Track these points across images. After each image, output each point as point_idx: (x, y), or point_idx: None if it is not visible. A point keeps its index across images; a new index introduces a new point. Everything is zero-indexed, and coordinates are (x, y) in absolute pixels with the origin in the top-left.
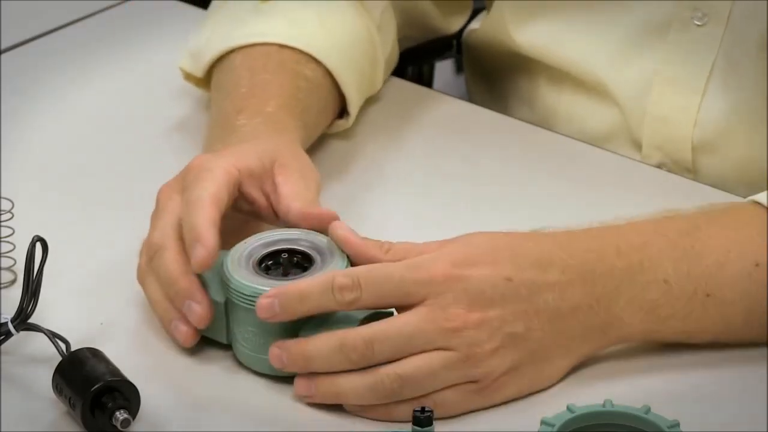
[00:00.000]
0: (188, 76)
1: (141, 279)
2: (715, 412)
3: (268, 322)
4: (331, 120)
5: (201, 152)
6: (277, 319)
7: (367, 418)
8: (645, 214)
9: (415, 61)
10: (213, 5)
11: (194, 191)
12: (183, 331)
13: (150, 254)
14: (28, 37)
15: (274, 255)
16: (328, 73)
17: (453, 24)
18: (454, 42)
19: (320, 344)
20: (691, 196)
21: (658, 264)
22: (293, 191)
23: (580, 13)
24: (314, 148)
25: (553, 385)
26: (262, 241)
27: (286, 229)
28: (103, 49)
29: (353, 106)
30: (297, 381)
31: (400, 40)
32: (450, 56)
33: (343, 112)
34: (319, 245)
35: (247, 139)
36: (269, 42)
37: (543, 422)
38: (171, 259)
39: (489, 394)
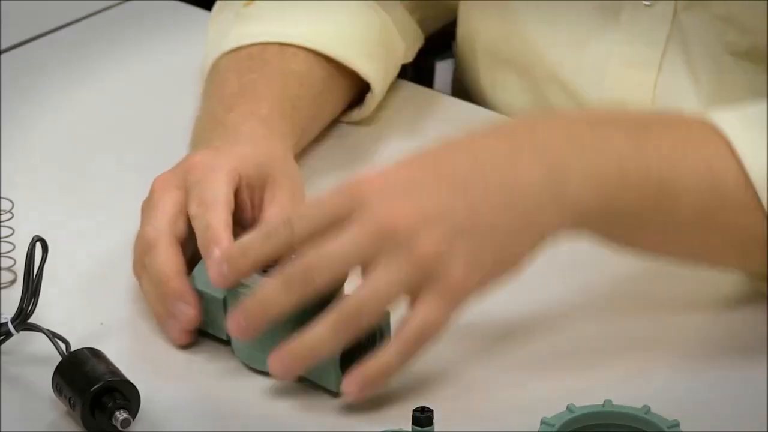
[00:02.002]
0: None
1: (137, 274)
2: (715, 412)
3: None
4: (337, 107)
5: (189, 147)
6: (231, 280)
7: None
8: None
9: (416, 61)
10: (209, 21)
11: (208, 191)
12: (176, 330)
13: (143, 249)
14: (28, 37)
15: None
16: (322, 59)
17: None
18: (454, 42)
19: (265, 289)
20: None
21: (611, 141)
22: (276, 215)
23: (531, 6)
24: (312, 144)
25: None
26: None
27: None
28: (103, 49)
29: (371, 76)
30: (270, 362)
31: (419, 20)
32: (450, 56)
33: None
34: None
35: (243, 139)
36: (252, 43)
37: (543, 422)
38: (163, 258)
39: (452, 293)
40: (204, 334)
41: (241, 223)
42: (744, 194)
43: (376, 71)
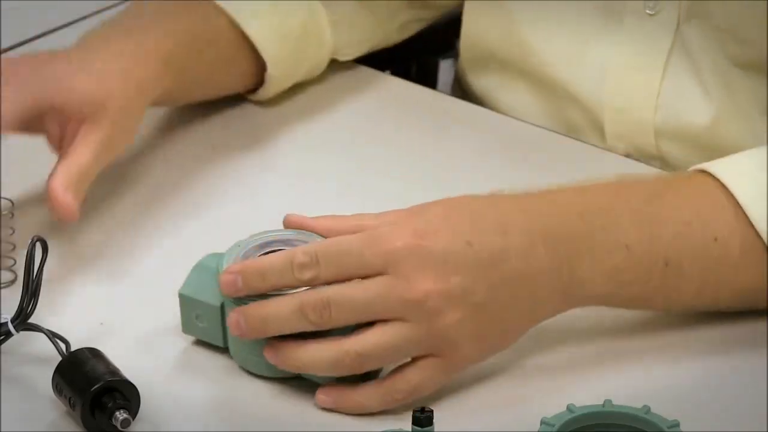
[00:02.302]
0: None
1: None
2: (715, 412)
3: None
4: (237, 80)
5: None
6: (240, 294)
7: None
8: (605, 178)
9: (419, 60)
10: None
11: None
12: None
13: None
14: (28, 37)
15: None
16: (237, 30)
17: None
18: (457, 41)
19: (279, 305)
20: None
21: (620, 229)
22: (79, 152)
23: (533, 10)
24: (315, 143)
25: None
26: (257, 243)
27: (281, 230)
28: None
29: (270, 57)
30: (265, 349)
31: (407, 22)
32: (452, 56)
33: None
34: None
35: (103, 67)
36: None
37: (543, 422)
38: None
39: (453, 365)
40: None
41: (49, 141)
42: (751, 252)
43: (279, 51)
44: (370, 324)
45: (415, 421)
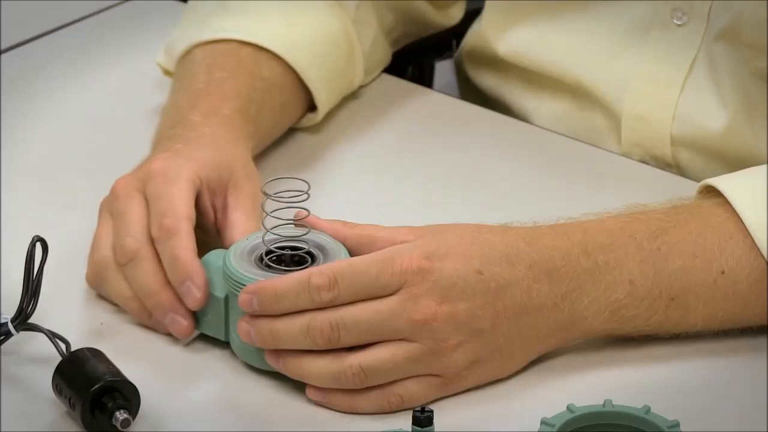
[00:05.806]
0: (166, 72)
1: (101, 274)
2: (715, 413)
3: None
4: (295, 118)
5: (152, 143)
6: (258, 314)
7: (332, 409)
8: (615, 209)
9: (416, 61)
10: (189, 3)
11: (169, 211)
12: (171, 329)
13: (123, 258)
14: (28, 37)
15: (276, 251)
16: (291, 70)
17: (449, 17)
18: (454, 42)
19: (287, 324)
20: (674, 191)
21: (624, 265)
22: (241, 219)
23: (561, 17)
24: (317, 146)
25: (516, 374)
26: (266, 237)
27: (291, 228)
28: (103, 48)
29: (321, 101)
30: (267, 352)
31: (398, 37)
32: (450, 56)
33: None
34: (321, 243)
35: (205, 142)
36: (231, 38)
37: (543, 422)
38: (150, 271)
39: (450, 386)
40: (202, 336)
41: (203, 227)
42: (760, 283)
43: (329, 95)
44: None
45: (415, 421)
